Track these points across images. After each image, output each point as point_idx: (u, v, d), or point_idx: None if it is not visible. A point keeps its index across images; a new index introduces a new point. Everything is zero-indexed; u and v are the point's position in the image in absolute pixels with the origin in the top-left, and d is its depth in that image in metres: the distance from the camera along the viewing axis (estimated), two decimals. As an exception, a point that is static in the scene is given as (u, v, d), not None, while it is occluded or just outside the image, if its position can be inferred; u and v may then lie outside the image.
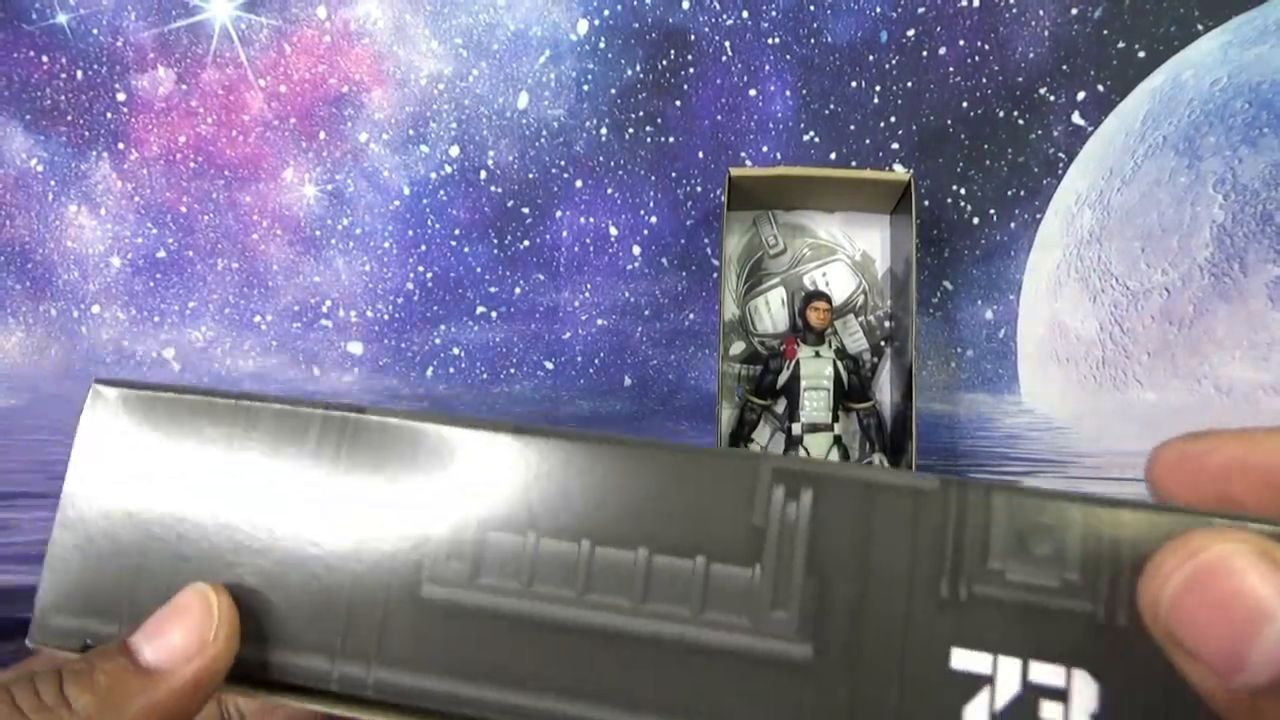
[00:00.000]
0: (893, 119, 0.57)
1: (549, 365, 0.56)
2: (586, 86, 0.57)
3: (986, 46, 0.57)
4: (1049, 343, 0.55)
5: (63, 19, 0.57)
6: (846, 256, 0.56)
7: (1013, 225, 0.56)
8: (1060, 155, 0.56)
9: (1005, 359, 0.55)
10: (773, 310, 0.56)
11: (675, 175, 0.57)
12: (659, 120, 0.57)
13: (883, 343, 0.55)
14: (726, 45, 0.57)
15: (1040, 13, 0.56)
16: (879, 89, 0.57)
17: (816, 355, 0.52)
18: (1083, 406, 0.54)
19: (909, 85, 0.57)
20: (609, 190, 0.57)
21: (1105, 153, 0.56)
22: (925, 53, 0.57)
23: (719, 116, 0.57)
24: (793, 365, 0.52)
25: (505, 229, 0.57)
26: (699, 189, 0.57)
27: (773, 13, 0.57)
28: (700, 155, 0.57)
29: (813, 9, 0.57)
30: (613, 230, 0.57)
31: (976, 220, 0.56)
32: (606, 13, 0.57)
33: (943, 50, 0.57)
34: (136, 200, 0.57)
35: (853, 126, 0.57)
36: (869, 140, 0.57)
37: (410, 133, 0.58)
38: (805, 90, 0.57)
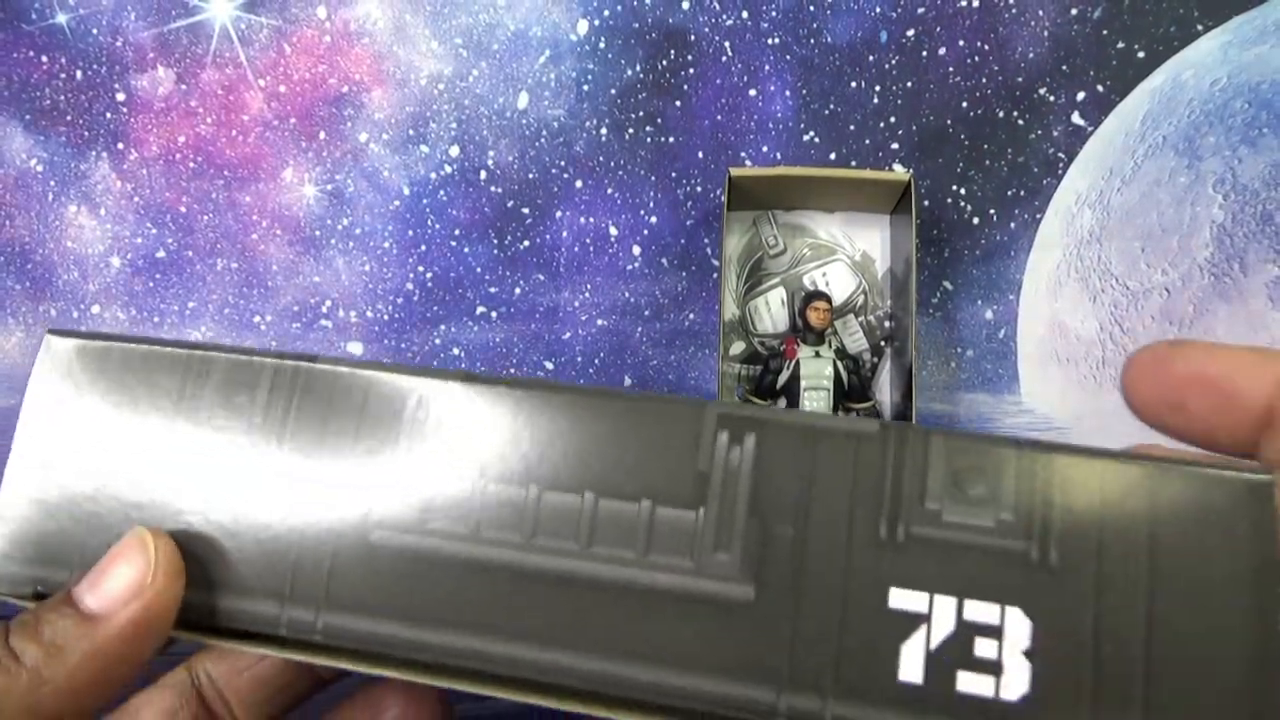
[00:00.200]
0: (893, 119, 0.57)
1: (549, 365, 0.56)
2: (586, 86, 0.57)
3: (986, 46, 0.57)
4: (1049, 343, 0.55)
5: (62, 19, 0.57)
6: (846, 256, 0.56)
7: (1013, 225, 0.56)
8: (1060, 155, 0.56)
9: (1005, 359, 0.55)
10: (773, 310, 0.56)
11: (675, 175, 0.57)
12: (659, 120, 0.57)
13: (883, 343, 0.55)
14: (726, 45, 0.57)
15: (1040, 13, 0.56)
16: (879, 89, 0.57)
17: (816, 355, 0.52)
18: (1083, 406, 0.54)
19: (909, 85, 0.57)
20: (609, 190, 0.57)
21: (1105, 153, 0.56)
22: (925, 53, 0.57)
23: (719, 116, 0.57)
24: (793, 365, 0.52)
25: (505, 229, 0.57)
26: (699, 189, 0.57)
27: (773, 13, 0.57)
28: (700, 155, 0.57)
29: (813, 9, 0.57)
30: (613, 230, 0.57)
31: (976, 220, 0.56)
32: (606, 13, 0.57)
33: (943, 50, 0.57)
34: (136, 200, 0.57)
35: (853, 126, 0.57)
36: (869, 140, 0.57)
37: (410, 133, 0.58)
38: (805, 90, 0.57)
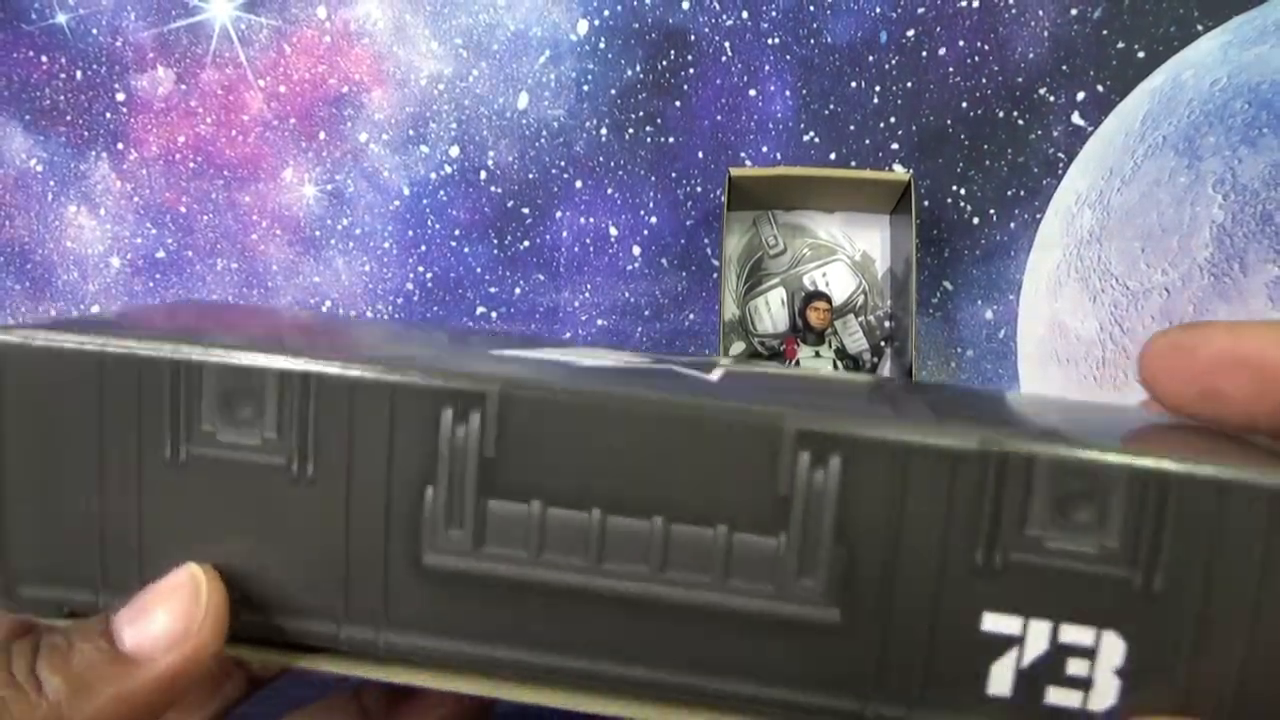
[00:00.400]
0: (893, 119, 0.57)
1: (549, 365, 0.56)
2: (586, 87, 0.57)
3: (986, 47, 0.57)
4: (1049, 343, 0.55)
5: (62, 19, 0.57)
6: (846, 256, 0.56)
7: (1013, 225, 0.56)
8: (1060, 155, 0.56)
9: (1005, 359, 0.55)
10: (773, 310, 0.56)
11: (675, 175, 0.57)
12: (659, 120, 0.57)
13: (883, 343, 0.55)
14: (726, 45, 0.57)
15: (1040, 13, 0.56)
16: (879, 89, 0.57)
17: (816, 355, 0.52)
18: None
19: (909, 85, 0.57)
20: (609, 190, 0.57)
21: (1105, 153, 0.56)
22: (925, 53, 0.57)
23: (719, 116, 0.57)
24: (793, 365, 0.52)
25: (505, 229, 0.57)
26: (699, 189, 0.57)
27: (773, 13, 0.57)
28: (700, 155, 0.57)
29: (813, 9, 0.57)
30: (613, 230, 0.57)
31: (976, 220, 0.56)
32: (606, 13, 0.57)
33: (942, 50, 0.57)
34: (136, 200, 0.57)
35: (853, 126, 0.57)
36: (869, 140, 0.57)
37: (410, 133, 0.58)
38: (805, 90, 0.57)
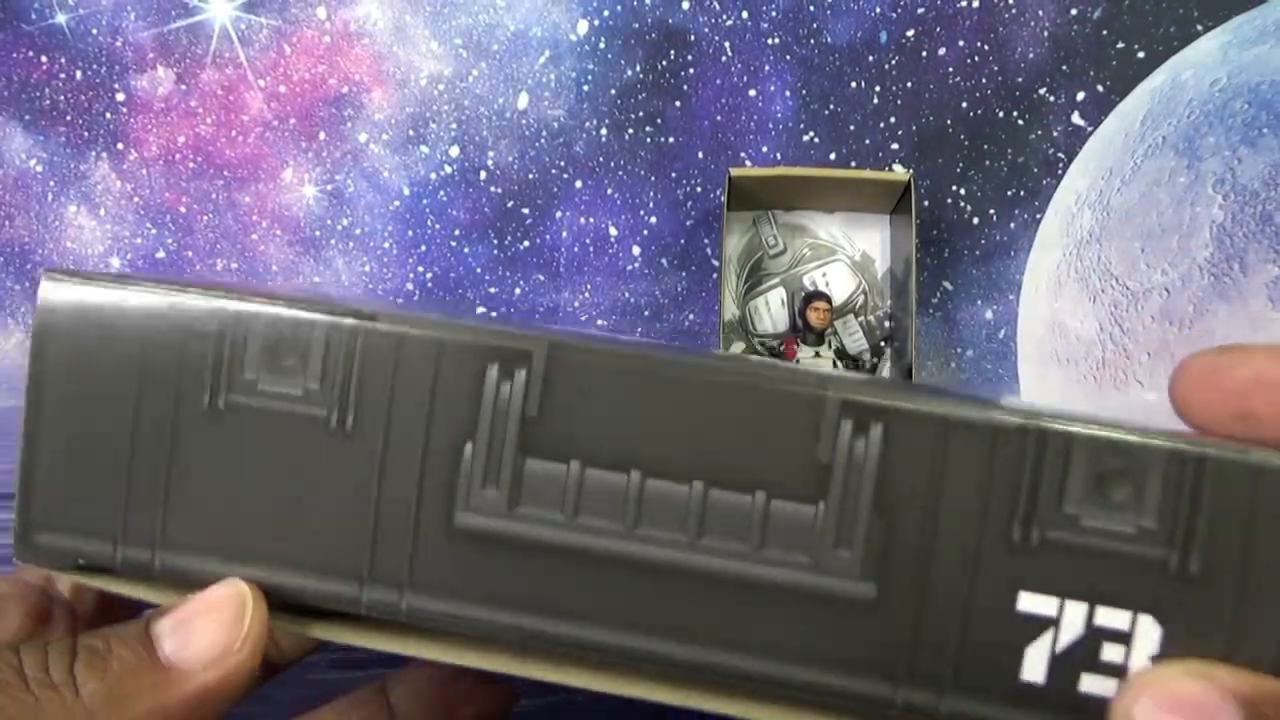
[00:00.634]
0: (893, 119, 0.57)
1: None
2: (586, 87, 0.57)
3: (986, 47, 0.57)
4: (1049, 343, 0.55)
5: (62, 19, 0.57)
6: (846, 256, 0.56)
7: (1013, 225, 0.56)
8: (1060, 155, 0.56)
9: (1005, 359, 0.55)
10: (773, 310, 0.56)
11: (675, 175, 0.57)
12: (659, 120, 0.57)
13: (883, 343, 0.55)
14: (726, 45, 0.57)
15: (1040, 13, 0.56)
16: (879, 89, 0.57)
17: (816, 356, 0.52)
18: (1083, 407, 0.54)
19: (909, 85, 0.57)
20: (609, 190, 0.57)
21: (1105, 153, 0.56)
22: (925, 53, 0.57)
23: (719, 116, 0.57)
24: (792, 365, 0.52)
25: (505, 229, 0.57)
26: (699, 189, 0.57)
27: (773, 13, 0.57)
28: (700, 155, 0.57)
29: (813, 9, 0.57)
30: (613, 230, 0.57)
31: (976, 220, 0.56)
32: (606, 13, 0.57)
33: (942, 50, 0.57)
34: (136, 201, 0.57)
35: (853, 126, 0.57)
36: (869, 140, 0.57)
37: (410, 133, 0.58)
38: (805, 90, 0.57)
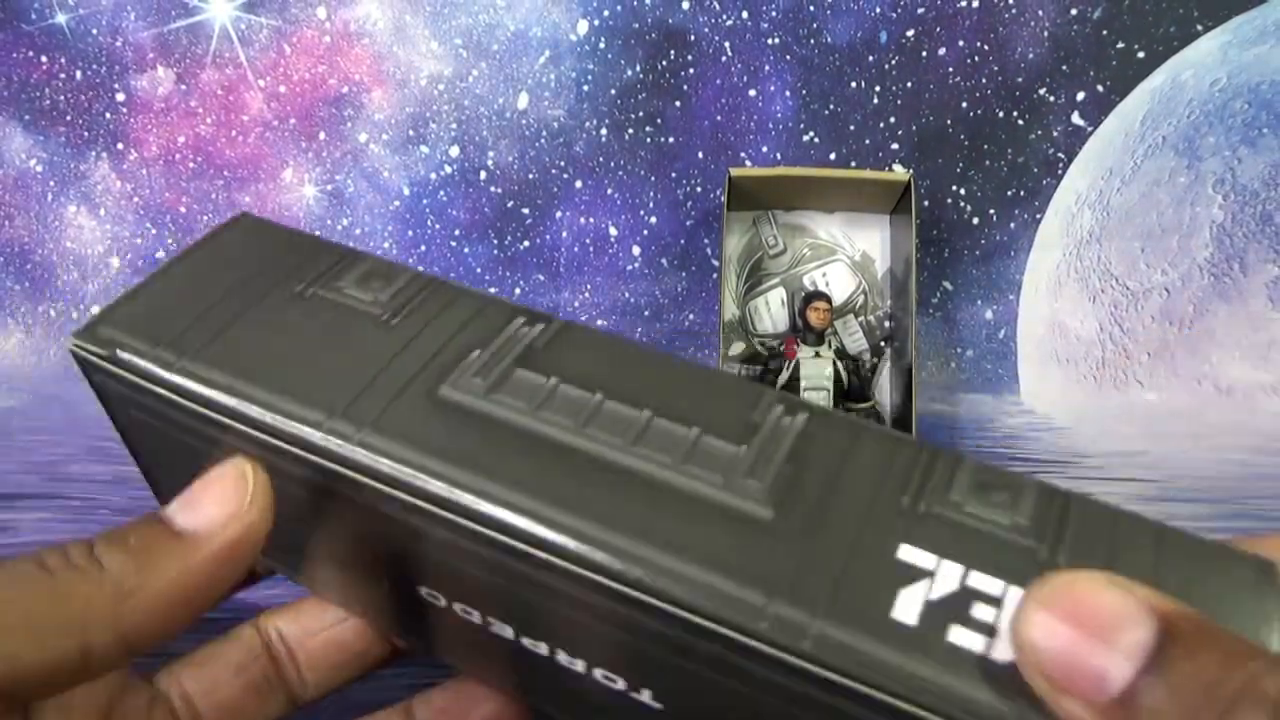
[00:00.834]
0: (893, 119, 0.57)
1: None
2: (586, 87, 0.57)
3: (986, 47, 0.57)
4: (1049, 343, 0.55)
5: (62, 19, 0.57)
6: (846, 256, 0.56)
7: (1013, 225, 0.56)
8: (1060, 155, 0.56)
9: (1005, 359, 0.55)
10: (773, 310, 0.56)
11: (675, 175, 0.57)
12: (659, 120, 0.57)
13: (883, 343, 0.55)
14: (726, 45, 0.57)
15: (1040, 13, 0.56)
16: (879, 89, 0.57)
17: (816, 355, 0.52)
18: (1083, 407, 0.54)
19: (909, 85, 0.57)
20: (609, 190, 0.57)
21: (1105, 153, 0.56)
22: (925, 53, 0.57)
23: (719, 116, 0.57)
24: (792, 366, 0.52)
25: (505, 229, 0.57)
26: (699, 189, 0.57)
27: (773, 13, 0.57)
28: (700, 155, 0.57)
29: (813, 9, 0.57)
30: (613, 230, 0.57)
31: (976, 220, 0.56)
32: (606, 13, 0.57)
33: (942, 50, 0.57)
34: (136, 200, 0.57)
35: (853, 126, 0.57)
36: (869, 140, 0.57)
37: (410, 133, 0.58)
38: (805, 90, 0.57)
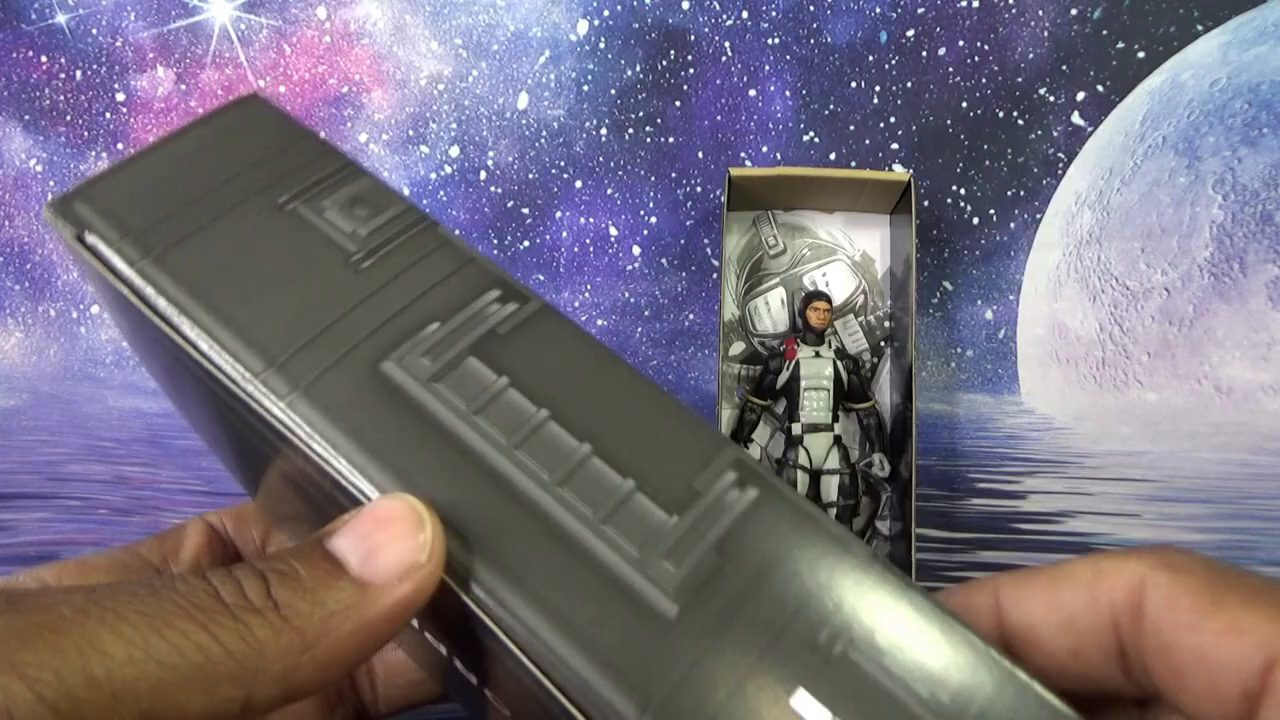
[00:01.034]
0: (893, 119, 0.57)
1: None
2: (586, 87, 0.57)
3: (986, 47, 0.57)
4: (1049, 343, 0.55)
5: (62, 19, 0.57)
6: (846, 256, 0.56)
7: (1013, 225, 0.56)
8: (1060, 155, 0.56)
9: (1005, 359, 0.55)
10: (773, 310, 0.56)
11: (675, 175, 0.57)
12: (659, 120, 0.57)
13: (882, 343, 0.55)
14: (726, 45, 0.57)
15: (1040, 13, 0.56)
16: (879, 89, 0.57)
17: (816, 355, 0.52)
18: (1083, 407, 0.54)
19: (909, 85, 0.57)
20: (609, 190, 0.57)
21: (1105, 153, 0.56)
22: (925, 53, 0.57)
23: (719, 116, 0.57)
24: (793, 365, 0.52)
25: (505, 229, 0.57)
26: (699, 189, 0.57)
27: (773, 13, 0.57)
28: (700, 155, 0.57)
29: (813, 9, 0.57)
30: (613, 230, 0.57)
31: (976, 220, 0.56)
32: (606, 13, 0.57)
33: (942, 50, 0.57)
34: (136, 200, 0.57)
35: (853, 126, 0.57)
36: (869, 140, 0.57)
37: (410, 133, 0.58)
38: (805, 90, 0.57)
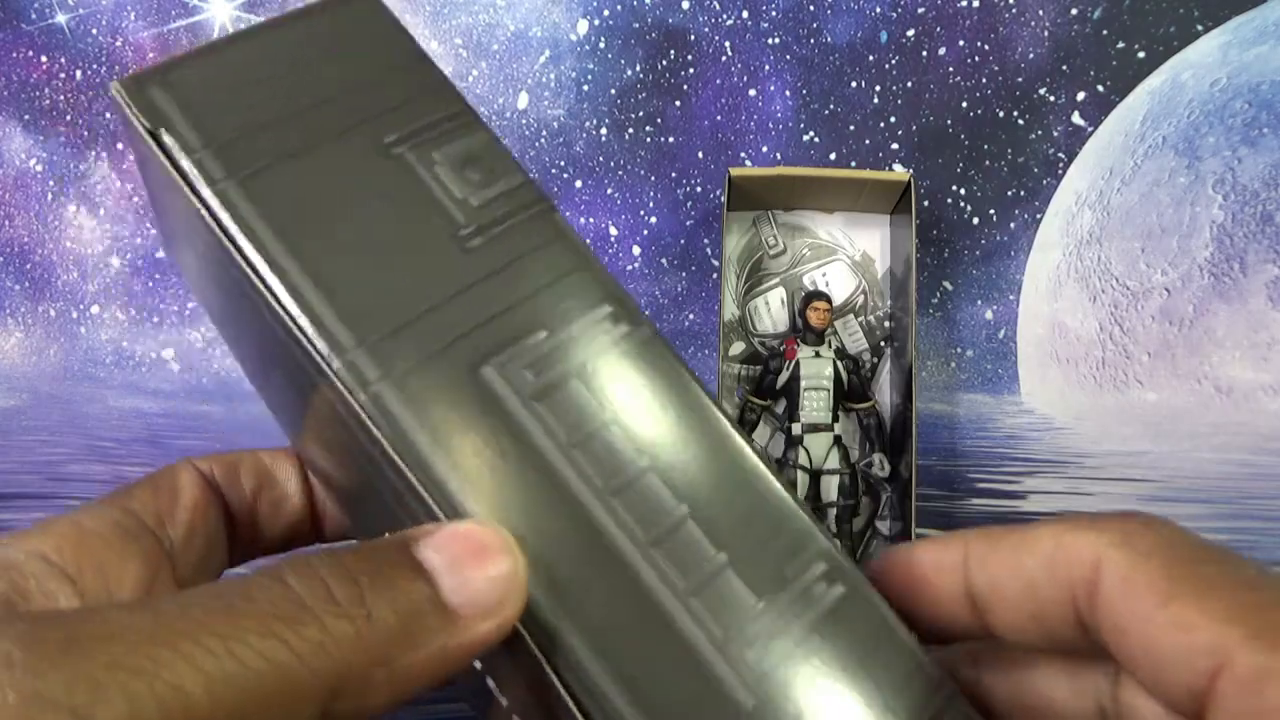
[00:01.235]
0: (893, 119, 0.57)
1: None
2: (586, 86, 0.57)
3: (986, 46, 0.57)
4: (1049, 343, 0.55)
5: (62, 19, 0.57)
6: (846, 256, 0.56)
7: (1013, 225, 0.56)
8: (1060, 155, 0.56)
9: (1005, 359, 0.55)
10: (773, 310, 0.56)
11: (675, 175, 0.57)
12: (659, 120, 0.57)
13: (882, 343, 0.55)
14: (726, 45, 0.57)
15: (1040, 13, 0.56)
16: (879, 89, 0.57)
17: (816, 355, 0.52)
18: (1083, 407, 0.54)
19: (909, 85, 0.57)
20: (609, 190, 0.57)
21: (1105, 153, 0.56)
22: (925, 53, 0.57)
23: (719, 116, 0.57)
24: (793, 365, 0.52)
25: (505, 229, 0.57)
26: (699, 189, 0.57)
27: (773, 13, 0.57)
28: (700, 155, 0.57)
29: (813, 9, 0.57)
30: (613, 230, 0.57)
31: (976, 220, 0.56)
32: (606, 13, 0.57)
33: (943, 50, 0.57)
34: (136, 200, 0.57)
35: (853, 126, 0.57)
36: (869, 140, 0.57)
37: (410, 133, 0.57)
38: (805, 90, 0.57)
